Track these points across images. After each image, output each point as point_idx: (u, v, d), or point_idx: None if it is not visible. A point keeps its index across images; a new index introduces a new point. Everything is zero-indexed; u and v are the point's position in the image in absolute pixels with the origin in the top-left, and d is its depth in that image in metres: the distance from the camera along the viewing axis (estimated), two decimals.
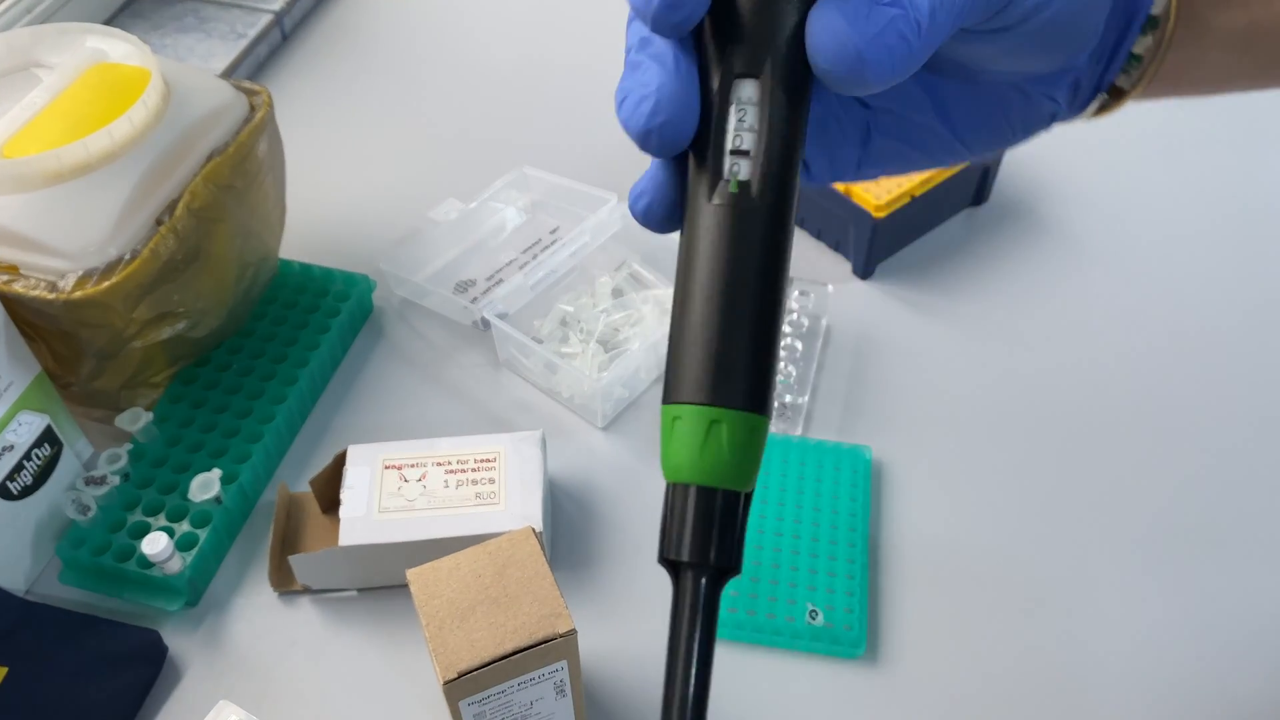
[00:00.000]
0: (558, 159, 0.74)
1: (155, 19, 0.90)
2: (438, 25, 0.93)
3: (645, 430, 0.62)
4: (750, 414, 0.25)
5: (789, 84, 0.25)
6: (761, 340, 0.25)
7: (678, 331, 0.26)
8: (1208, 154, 0.79)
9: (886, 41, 0.23)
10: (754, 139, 0.25)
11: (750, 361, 0.25)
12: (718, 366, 0.25)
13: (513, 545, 0.45)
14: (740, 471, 0.25)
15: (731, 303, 0.25)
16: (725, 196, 0.25)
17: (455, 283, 0.68)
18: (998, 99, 0.32)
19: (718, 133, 0.25)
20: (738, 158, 0.25)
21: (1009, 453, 0.61)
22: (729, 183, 0.25)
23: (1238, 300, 0.69)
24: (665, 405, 0.26)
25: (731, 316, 0.25)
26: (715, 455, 0.25)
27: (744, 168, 0.25)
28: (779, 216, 0.25)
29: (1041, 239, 0.73)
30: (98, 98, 0.56)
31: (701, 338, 0.25)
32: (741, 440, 0.25)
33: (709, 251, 0.25)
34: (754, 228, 0.25)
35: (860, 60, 0.23)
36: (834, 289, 0.69)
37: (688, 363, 0.25)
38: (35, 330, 0.54)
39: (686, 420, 0.25)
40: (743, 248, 0.25)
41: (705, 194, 0.25)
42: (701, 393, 0.25)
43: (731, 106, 0.25)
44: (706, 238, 0.25)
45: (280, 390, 0.61)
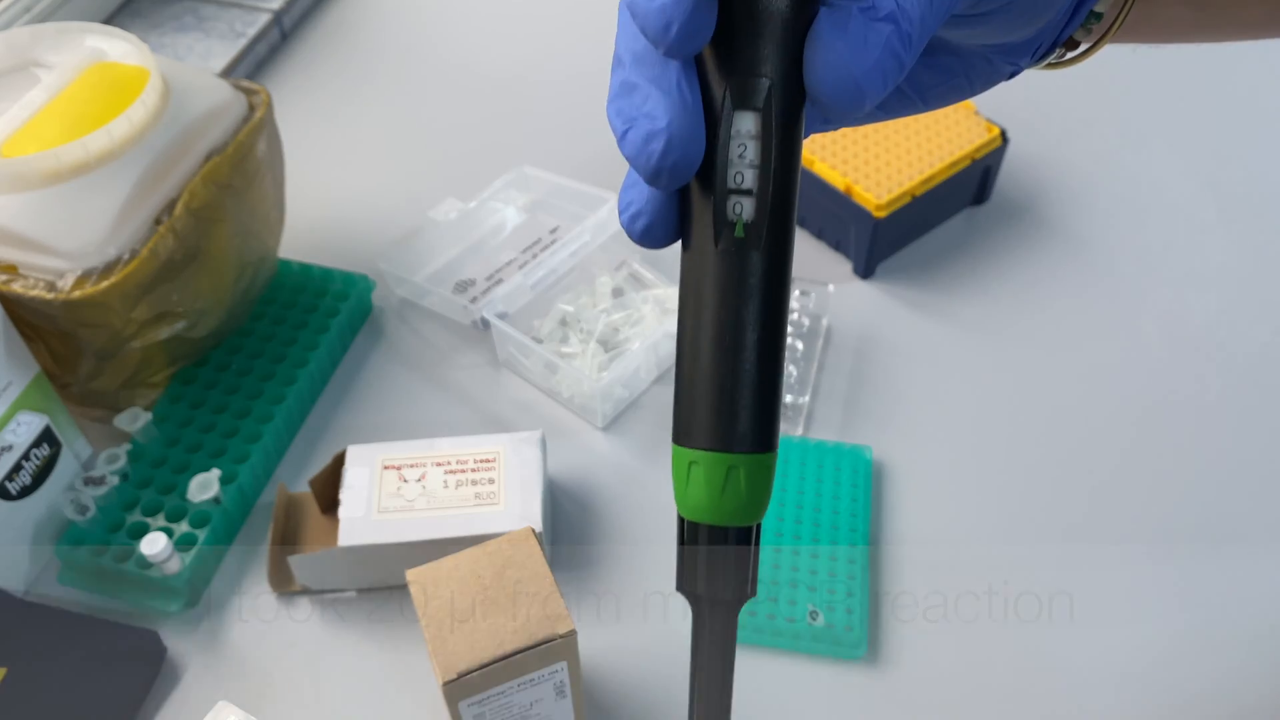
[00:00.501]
0: (558, 159, 0.73)
1: (154, 18, 0.90)
2: (437, 24, 0.93)
3: (645, 430, 0.62)
4: (763, 454, 0.26)
5: (786, 114, 0.24)
6: (769, 382, 0.26)
7: (687, 373, 0.26)
8: (1208, 153, 0.79)
9: (883, 66, 0.23)
10: (755, 176, 0.24)
11: (760, 405, 0.26)
12: (731, 413, 0.26)
13: (513, 545, 0.45)
14: (756, 509, 0.27)
15: (740, 348, 0.25)
16: (730, 242, 0.25)
17: (455, 282, 0.68)
18: (960, 64, 0.33)
19: (720, 167, 0.25)
20: (739, 196, 0.25)
21: (1009, 452, 0.61)
22: (734, 226, 0.25)
23: (1239, 299, 0.69)
24: (678, 447, 0.27)
25: (740, 361, 0.25)
26: (734, 499, 0.26)
27: (747, 207, 0.25)
28: (782, 256, 0.25)
29: (1041, 239, 0.73)
30: (97, 97, 0.56)
31: (712, 383, 0.25)
32: (758, 481, 0.26)
33: (716, 298, 0.25)
34: (759, 273, 0.25)
35: (859, 90, 0.23)
36: (834, 289, 0.69)
37: (700, 408, 0.26)
38: (34, 330, 0.54)
39: (703, 466, 0.26)
40: (749, 293, 0.25)
41: (709, 235, 0.25)
42: (717, 440, 0.26)
43: (732, 141, 0.24)
44: (713, 284, 0.25)
45: (279, 390, 0.61)
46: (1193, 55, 0.85)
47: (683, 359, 0.26)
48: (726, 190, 0.25)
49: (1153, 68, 0.85)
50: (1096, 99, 0.83)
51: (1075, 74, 0.39)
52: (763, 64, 0.24)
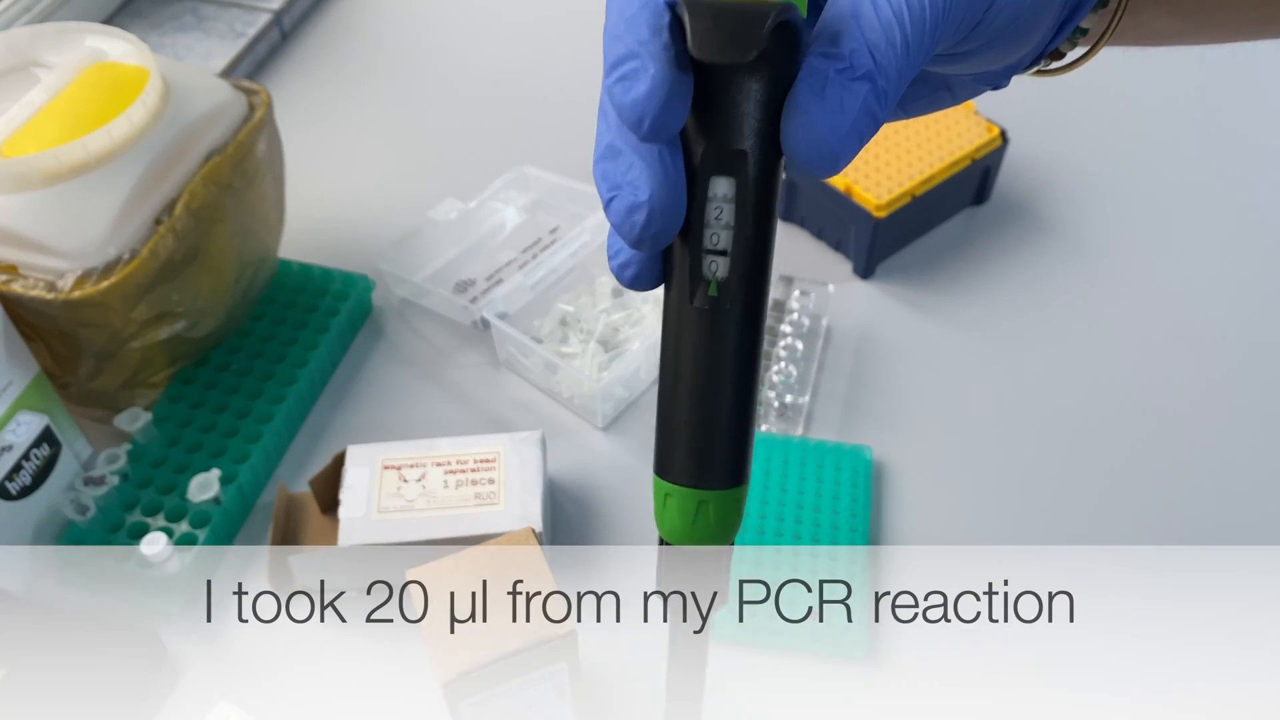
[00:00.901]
0: (558, 159, 0.73)
1: (154, 18, 0.90)
2: (437, 24, 0.93)
3: (645, 430, 0.62)
4: (731, 490, 0.28)
5: (763, 175, 0.25)
6: (738, 426, 0.28)
7: (665, 413, 0.28)
8: (1209, 153, 0.79)
9: (859, 128, 0.24)
10: (730, 237, 0.26)
11: (730, 446, 0.28)
12: (702, 455, 0.28)
13: (513, 545, 0.45)
14: (725, 535, 0.29)
15: (711, 397, 0.27)
16: (704, 300, 0.26)
17: (455, 283, 0.68)
18: (941, 83, 0.33)
19: (696, 227, 0.26)
20: (715, 256, 0.26)
21: (1010, 452, 0.61)
22: (708, 284, 0.26)
23: (1239, 299, 0.69)
24: (657, 478, 0.29)
25: (711, 409, 0.27)
26: (704, 528, 0.29)
27: (722, 266, 0.26)
28: (754, 314, 0.27)
29: (1041, 239, 0.73)
30: (97, 97, 0.56)
31: (685, 427, 0.28)
32: (726, 513, 0.29)
33: (691, 353, 0.27)
34: (732, 329, 0.27)
35: (834, 155, 0.24)
36: (834, 289, 0.69)
37: (676, 448, 0.28)
38: (34, 330, 0.54)
39: (676, 499, 0.29)
40: (721, 347, 0.27)
41: (686, 292, 0.26)
42: (688, 478, 0.28)
43: (709, 204, 0.25)
44: (688, 339, 0.27)
45: (279, 390, 0.61)
46: (1193, 55, 0.85)
47: (662, 399, 0.28)
48: (702, 250, 0.26)
49: (1153, 68, 0.85)
50: (1096, 99, 0.83)
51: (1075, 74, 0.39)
52: (738, 133, 0.25)
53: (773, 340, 0.65)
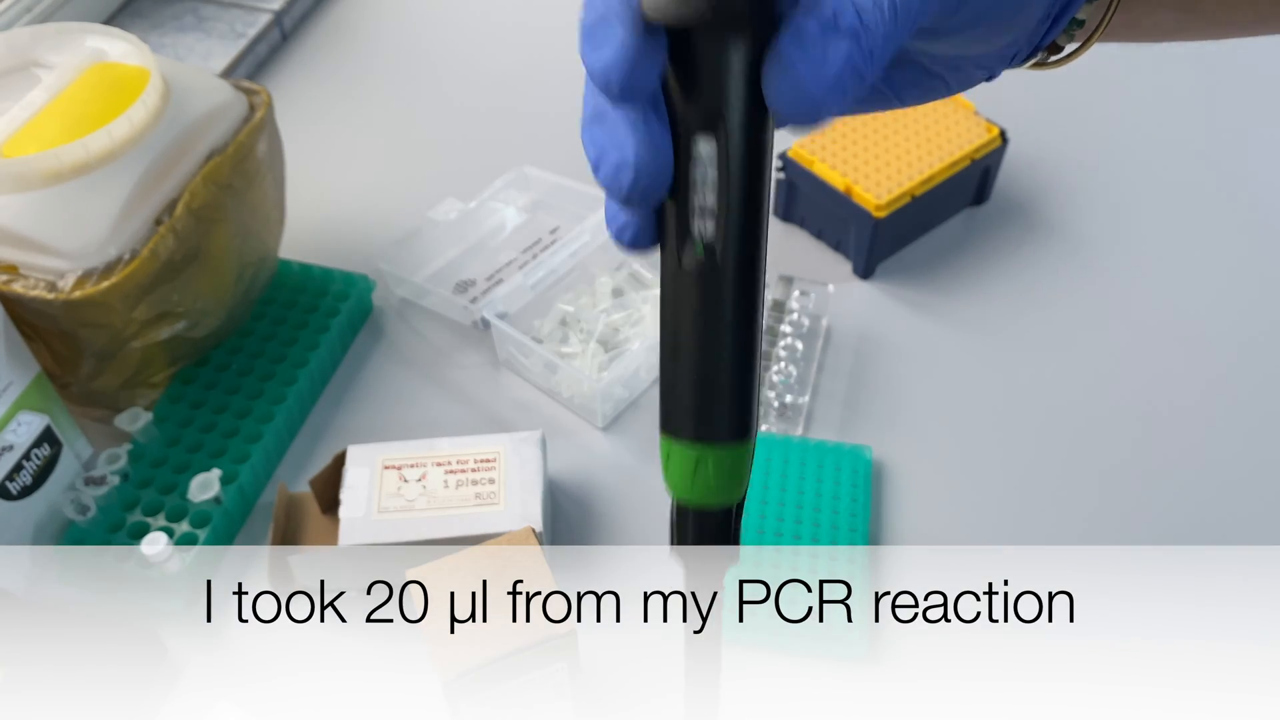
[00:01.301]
0: (558, 159, 0.73)
1: (154, 18, 0.90)
2: (437, 24, 0.93)
3: (645, 430, 0.62)
4: (731, 447, 0.29)
5: (747, 133, 0.25)
6: (739, 379, 0.28)
7: (666, 369, 0.28)
8: (1209, 153, 0.79)
9: (842, 82, 0.24)
10: (715, 196, 0.26)
11: (728, 401, 0.28)
12: (699, 410, 0.28)
13: (513, 545, 0.45)
14: (727, 493, 0.30)
15: (704, 355, 0.27)
16: (693, 261, 0.26)
17: (455, 283, 0.68)
18: (936, 67, 0.33)
19: (683, 188, 0.26)
20: (703, 216, 0.26)
21: (1009, 453, 0.61)
22: (696, 245, 0.26)
23: (1239, 299, 0.69)
24: (662, 434, 0.29)
25: (704, 367, 0.27)
26: (704, 484, 0.29)
27: (709, 227, 0.26)
28: (747, 270, 0.27)
29: (1041, 239, 0.73)
30: (97, 97, 0.56)
31: (685, 384, 0.28)
32: (725, 470, 0.29)
33: (684, 309, 0.27)
34: (723, 289, 0.27)
35: (817, 106, 0.24)
36: (834, 289, 0.69)
37: (675, 403, 0.28)
38: (34, 330, 0.54)
39: (676, 455, 0.29)
40: (712, 305, 0.27)
41: (675, 253, 0.26)
42: (685, 434, 0.28)
43: (694, 164, 0.25)
44: (679, 299, 0.27)
45: (279, 390, 0.61)
46: (1192, 54, 0.85)
47: (662, 357, 0.28)
48: (690, 209, 0.26)
49: (1153, 67, 0.85)
50: (1096, 98, 0.83)
51: (1075, 73, 0.39)
52: (716, 93, 0.25)
53: (773, 340, 0.65)
